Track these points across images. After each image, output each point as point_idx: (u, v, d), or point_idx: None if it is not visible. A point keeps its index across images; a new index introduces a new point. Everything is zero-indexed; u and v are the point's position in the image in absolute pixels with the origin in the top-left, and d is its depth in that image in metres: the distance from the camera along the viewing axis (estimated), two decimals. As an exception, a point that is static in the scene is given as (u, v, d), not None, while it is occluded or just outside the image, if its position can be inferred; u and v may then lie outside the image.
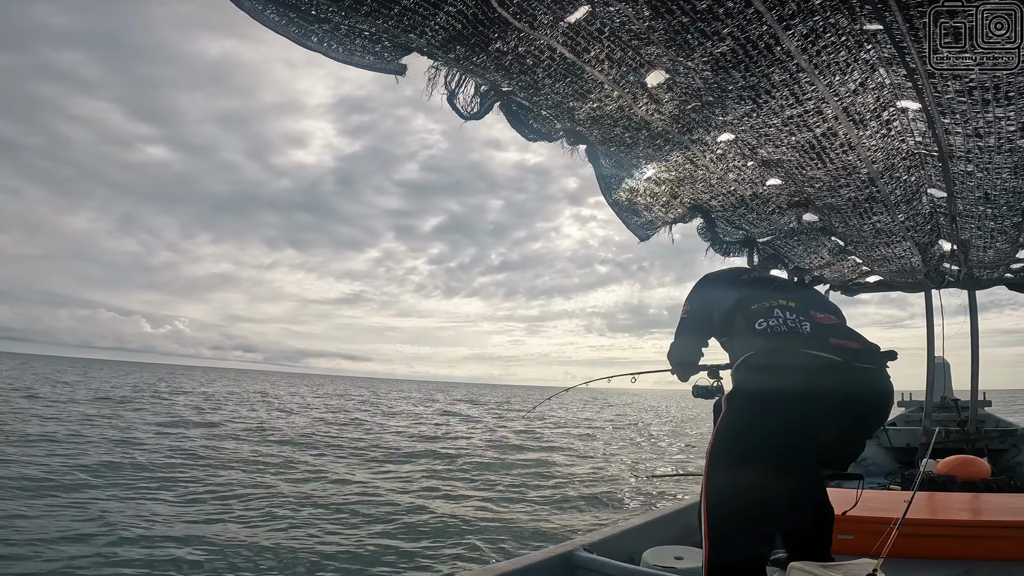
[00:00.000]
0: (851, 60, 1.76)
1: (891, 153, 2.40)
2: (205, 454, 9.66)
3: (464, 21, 1.69)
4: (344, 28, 1.77)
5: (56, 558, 4.24)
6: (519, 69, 1.96)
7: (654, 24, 1.59)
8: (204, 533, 5.10)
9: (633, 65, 1.89)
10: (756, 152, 2.45)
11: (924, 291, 4.76)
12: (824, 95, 1.94)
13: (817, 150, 2.35)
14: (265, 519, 5.77)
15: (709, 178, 2.79)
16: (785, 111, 2.03)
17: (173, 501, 6.23)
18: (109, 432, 11.56)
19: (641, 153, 2.57)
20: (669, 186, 2.95)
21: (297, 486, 7.47)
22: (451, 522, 5.94)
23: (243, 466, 8.78)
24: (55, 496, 6.05)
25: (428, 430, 16.60)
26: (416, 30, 1.74)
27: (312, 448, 11.30)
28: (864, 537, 1.94)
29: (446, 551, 5.03)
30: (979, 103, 1.91)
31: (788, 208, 3.05)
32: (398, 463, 9.91)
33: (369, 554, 4.86)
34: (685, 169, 2.73)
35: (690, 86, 1.97)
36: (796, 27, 1.57)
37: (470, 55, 1.88)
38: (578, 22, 1.70)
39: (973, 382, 4.71)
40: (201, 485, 7.13)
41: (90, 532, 4.90)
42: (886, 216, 3.02)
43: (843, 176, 2.59)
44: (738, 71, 1.79)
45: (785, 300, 1.64)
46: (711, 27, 1.58)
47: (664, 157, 2.62)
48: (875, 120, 2.13)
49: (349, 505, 6.55)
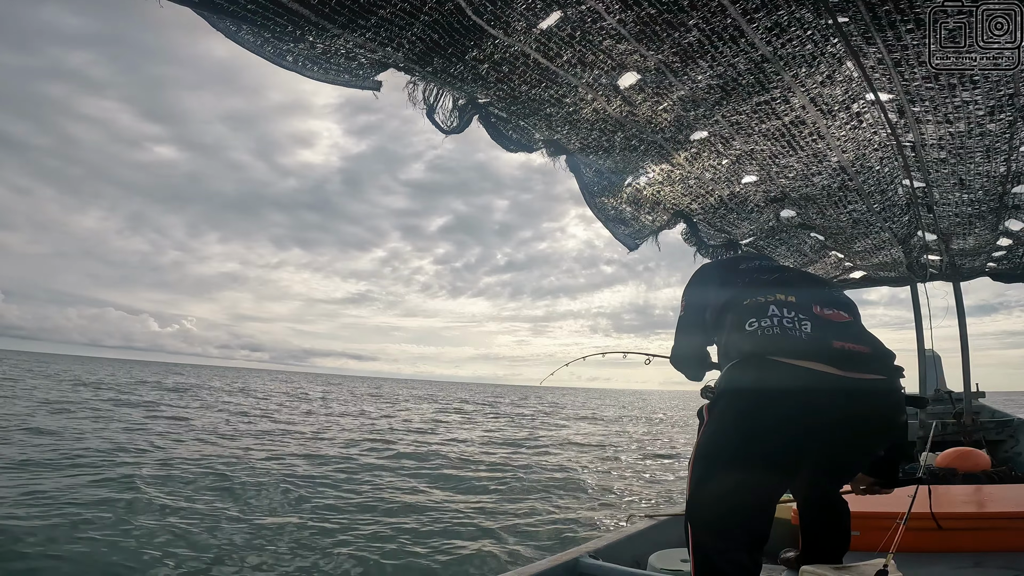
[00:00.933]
0: (817, 53, 1.80)
1: (862, 144, 2.46)
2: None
3: (440, 31, 1.72)
4: (320, 47, 1.78)
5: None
6: (496, 77, 1.99)
7: (624, 17, 1.63)
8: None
9: (605, 68, 1.93)
10: (730, 145, 2.49)
11: (909, 285, 4.82)
12: (790, 85, 1.99)
13: (787, 137, 2.40)
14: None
15: (687, 178, 2.84)
16: (753, 98, 2.08)
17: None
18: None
19: (619, 157, 2.61)
20: (651, 191, 2.99)
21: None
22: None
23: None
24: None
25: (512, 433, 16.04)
26: (393, 43, 1.76)
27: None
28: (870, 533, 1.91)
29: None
30: (946, 88, 1.96)
31: (766, 205, 3.10)
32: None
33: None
34: (663, 171, 2.78)
35: (660, 83, 2.01)
36: (760, 20, 1.62)
37: (447, 66, 1.91)
38: (550, 28, 1.74)
39: (965, 374, 4.73)
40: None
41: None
42: (861, 205, 3.08)
43: (815, 163, 2.64)
44: (705, 60, 1.84)
45: (784, 294, 1.45)
46: (677, 18, 1.63)
47: (641, 160, 2.67)
48: (844, 112, 2.19)
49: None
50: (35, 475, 6.23)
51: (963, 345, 4.72)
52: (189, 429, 11.86)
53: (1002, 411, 5.09)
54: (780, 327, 1.37)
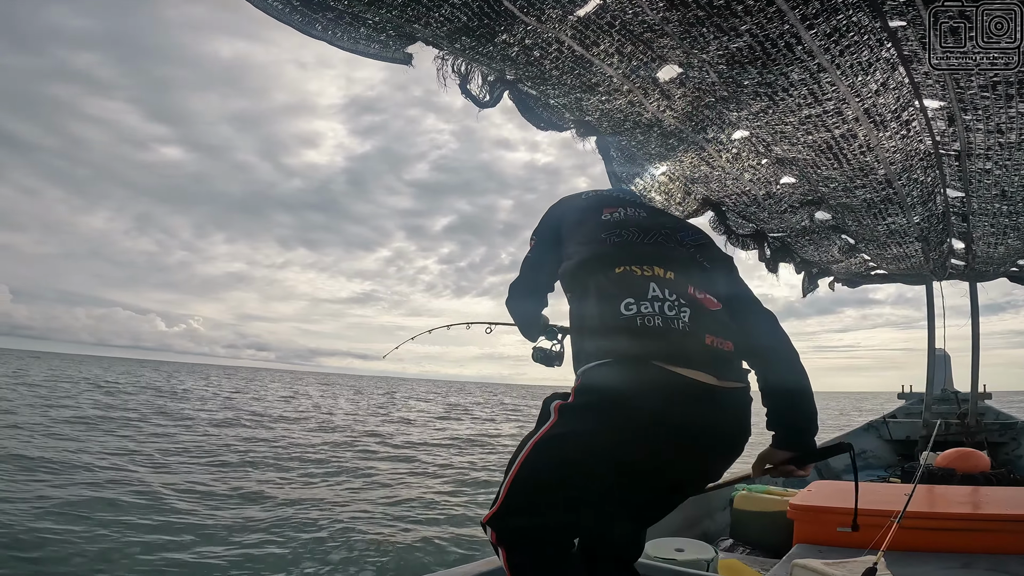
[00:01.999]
0: (873, 59, 1.70)
1: (909, 154, 2.34)
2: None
3: (469, 13, 1.64)
4: (348, 17, 1.72)
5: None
6: (526, 60, 1.90)
7: (668, 15, 1.53)
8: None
9: (644, 60, 1.83)
10: (771, 150, 2.39)
11: (925, 283, 4.71)
12: (845, 96, 1.87)
13: (835, 151, 2.28)
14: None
15: (724, 178, 2.73)
16: (803, 110, 1.97)
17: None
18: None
19: (654, 151, 2.51)
20: (682, 183, 2.90)
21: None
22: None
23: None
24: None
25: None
26: (420, 20, 1.69)
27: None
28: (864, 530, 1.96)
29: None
30: (1003, 98, 1.85)
31: (801, 207, 2.99)
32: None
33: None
34: (700, 170, 2.68)
35: (703, 81, 1.91)
36: (819, 26, 1.51)
37: (476, 45, 1.83)
38: (587, 15, 1.65)
39: (973, 375, 4.70)
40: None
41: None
42: (901, 218, 2.96)
43: (859, 177, 2.53)
44: (755, 67, 1.73)
45: (663, 268, 1.16)
46: (728, 23, 1.52)
47: (677, 156, 2.56)
48: (895, 120, 2.07)
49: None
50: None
51: (974, 346, 4.65)
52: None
53: (1007, 413, 5.09)
54: (663, 317, 1.09)
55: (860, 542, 1.88)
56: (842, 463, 4.54)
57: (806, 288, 4.70)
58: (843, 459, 4.61)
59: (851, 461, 1.35)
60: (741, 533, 2.74)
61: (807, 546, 2.11)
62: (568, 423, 1.07)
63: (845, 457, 4.31)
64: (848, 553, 1.79)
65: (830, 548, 2.06)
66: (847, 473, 4.46)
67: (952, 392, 5.26)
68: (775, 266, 3.95)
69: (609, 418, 1.05)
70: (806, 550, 2.06)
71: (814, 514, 2.20)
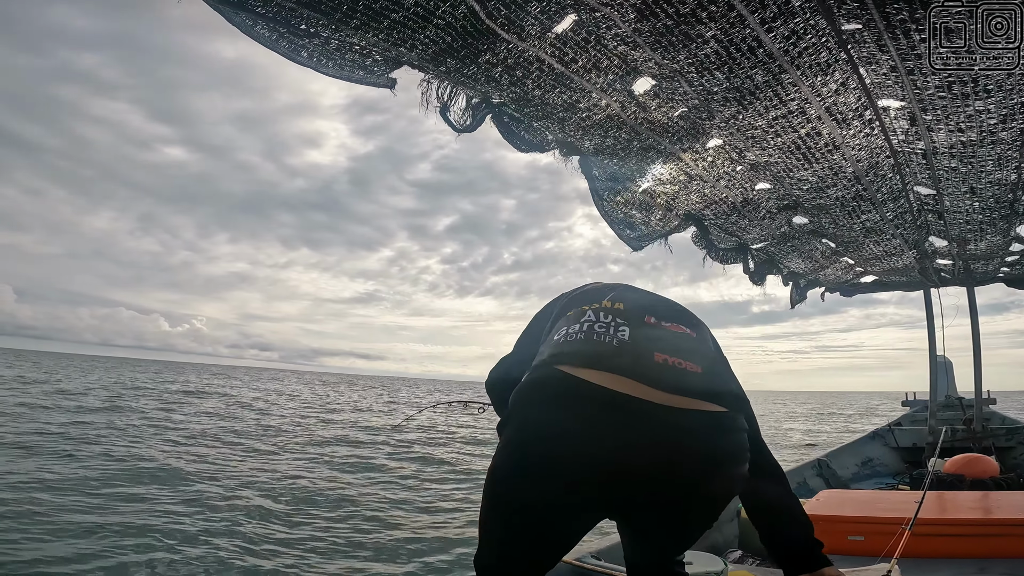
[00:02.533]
0: (832, 60, 1.80)
1: (874, 151, 2.44)
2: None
3: (453, 33, 1.72)
4: (334, 43, 1.80)
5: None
6: (509, 81, 1.99)
7: (639, 27, 1.63)
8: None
9: (620, 73, 1.92)
10: (744, 155, 2.49)
11: (923, 290, 4.80)
12: (807, 95, 1.98)
13: (803, 150, 2.39)
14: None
15: (702, 188, 2.83)
16: (770, 112, 2.07)
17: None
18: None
19: (634, 165, 2.60)
20: (664, 198, 2.98)
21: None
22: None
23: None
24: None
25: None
26: (406, 43, 1.77)
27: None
28: (875, 539, 1.92)
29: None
30: (959, 97, 1.95)
31: (778, 212, 3.09)
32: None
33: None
34: (679, 181, 2.77)
35: (675, 91, 2.01)
36: (778, 29, 1.61)
37: (460, 67, 1.92)
38: (564, 32, 1.74)
39: (976, 380, 4.72)
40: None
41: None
42: (874, 214, 3.06)
43: (830, 176, 2.63)
44: (722, 72, 1.83)
45: (612, 303, 1.10)
46: (695, 30, 1.62)
47: (655, 165, 2.66)
48: (858, 119, 2.17)
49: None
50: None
51: (975, 351, 4.69)
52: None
53: (1012, 418, 5.08)
54: (586, 332, 1.03)
55: (872, 550, 1.84)
56: (849, 472, 4.47)
57: (794, 300, 4.77)
58: (850, 468, 4.54)
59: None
60: (750, 544, 2.66)
61: None
62: (496, 455, 1.03)
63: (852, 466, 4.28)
64: (860, 562, 1.76)
65: (841, 557, 2.02)
66: (855, 481, 4.39)
67: (956, 398, 5.26)
68: (761, 278, 4.01)
69: (514, 431, 1.00)
70: None
71: (824, 523, 2.16)
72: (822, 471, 4.20)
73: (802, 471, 4.04)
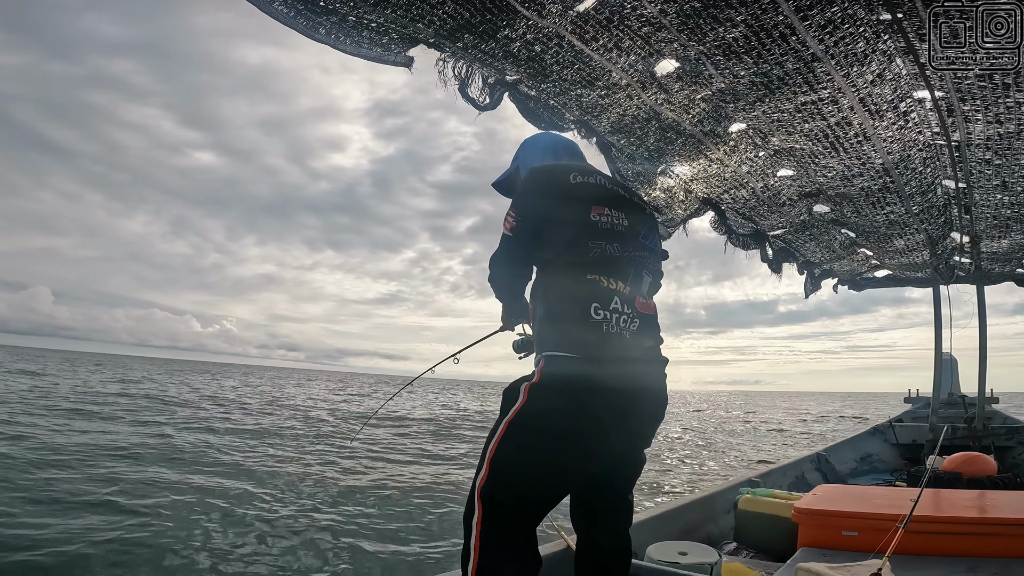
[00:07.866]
0: (869, 51, 1.72)
1: (907, 144, 2.36)
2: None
3: (472, 9, 1.67)
4: (352, 20, 1.75)
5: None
6: (527, 56, 1.94)
7: (666, 8, 1.56)
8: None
9: (642, 54, 1.86)
10: (768, 141, 2.41)
11: (932, 286, 4.72)
12: (840, 85, 1.90)
13: (831, 139, 2.31)
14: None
15: (722, 172, 2.76)
16: (799, 97, 1.99)
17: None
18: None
19: (652, 146, 2.54)
20: (682, 179, 2.93)
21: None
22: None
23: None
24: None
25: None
26: (424, 19, 1.72)
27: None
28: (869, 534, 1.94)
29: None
30: (999, 88, 1.87)
31: (799, 199, 3.01)
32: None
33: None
34: (696, 160, 2.70)
35: (700, 73, 1.94)
36: (813, 18, 1.54)
37: (478, 43, 1.86)
38: (587, 11, 1.68)
39: (980, 379, 4.68)
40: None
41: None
42: (899, 207, 2.98)
43: (857, 166, 2.55)
44: (751, 57, 1.76)
45: (623, 282, 1.30)
46: (724, 14, 1.55)
47: (675, 147, 2.59)
48: (892, 111, 2.09)
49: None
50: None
51: (982, 350, 4.65)
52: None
53: (1014, 418, 5.06)
54: (618, 326, 1.26)
55: (865, 546, 1.87)
56: (847, 467, 4.50)
57: (808, 289, 4.71)
58: (848, 463, 4.58)
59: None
60: (745, 536, 2.70)
61: (812, 550, 2.10)
62: (537, 402, 1.20)
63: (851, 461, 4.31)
64: (853, 557, 1.78)
65: (835, 552, 2.05)
66: (852, 477, 4.43)
67: (959, 396, 5.23)
68: (778, 266, 3.95)
69: (576, 401, 1.19)
70: (810, 554, 2.05)
71: (819, 518, 2.19)
72: (820, 465, 4.21)
73: (800, 465, 4.04)
